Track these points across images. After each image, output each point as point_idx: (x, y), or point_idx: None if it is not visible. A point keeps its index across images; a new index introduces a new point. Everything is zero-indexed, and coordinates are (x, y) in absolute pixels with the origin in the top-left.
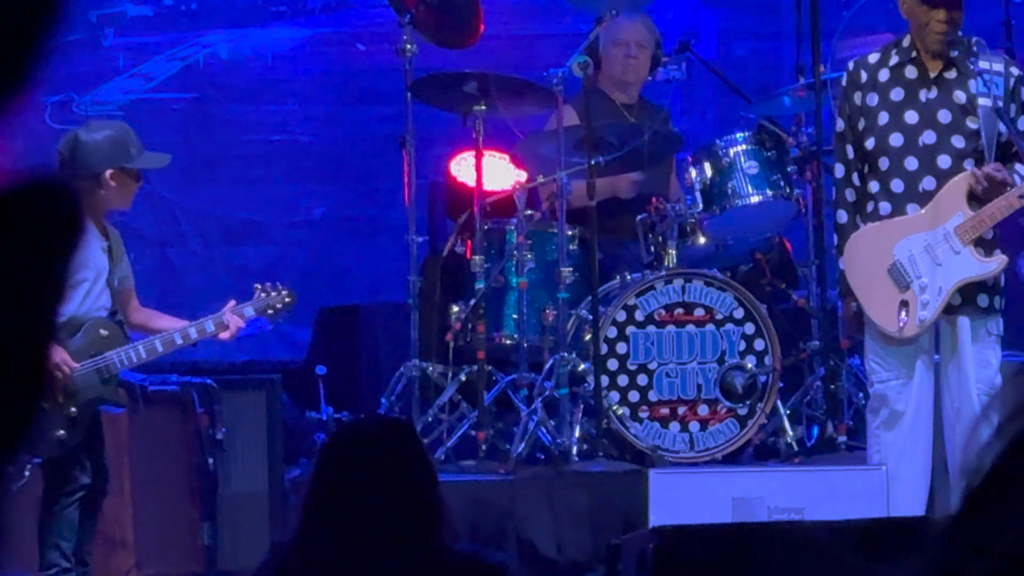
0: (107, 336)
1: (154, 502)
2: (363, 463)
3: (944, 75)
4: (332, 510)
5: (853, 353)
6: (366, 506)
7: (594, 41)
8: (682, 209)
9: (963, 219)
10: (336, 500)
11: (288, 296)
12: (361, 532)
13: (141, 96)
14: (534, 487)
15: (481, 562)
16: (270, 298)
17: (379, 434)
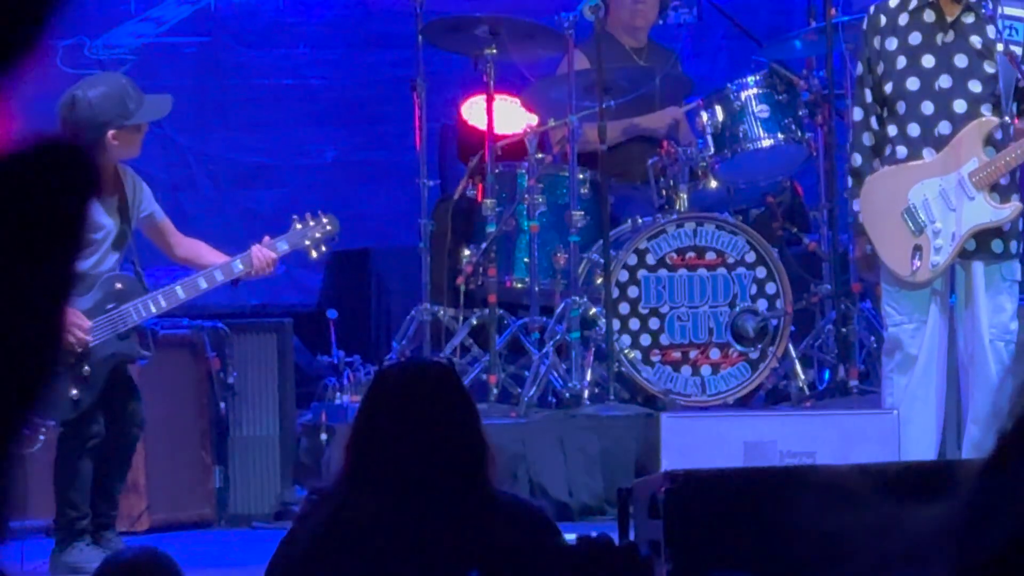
0: (122, 289)
1: (165, 446)
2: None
3: (962, 19)
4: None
5: (865, 297)
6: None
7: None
8: (693, 153)
9: (978, 164)
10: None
11: (329, 224)
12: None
13: (152, 40)
14: (546, 431)
15: (527, 505)
16: (308, 228)
17: (422, 377)
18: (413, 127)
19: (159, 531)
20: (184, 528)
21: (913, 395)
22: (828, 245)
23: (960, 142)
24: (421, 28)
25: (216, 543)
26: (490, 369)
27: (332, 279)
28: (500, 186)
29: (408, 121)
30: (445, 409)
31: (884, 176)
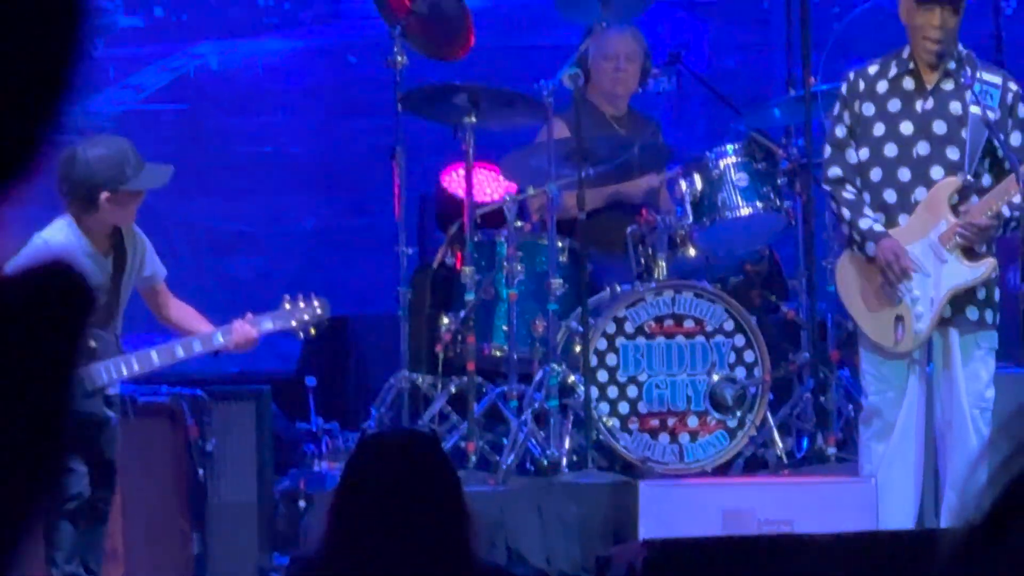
0: (94, 348)
1: (144, 512)
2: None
3: (941, 86)
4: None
5: (843, 365)
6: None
7: (584, 53)
8: (672, 221)
9: (947, 227)
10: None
11: (320, 308)
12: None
13: (132, 107)
14: (524, 498)
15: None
16: (296, 310)
17: (405, 445)
18: (392, 195)
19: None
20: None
21: (891, 463)
22: (806, 313)
23: (927, 206)
24: (400, 96)
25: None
26: (468, 437)
27: (311, 346)
28: (479, 254)
29: (387, 189)
30: (428, 479)
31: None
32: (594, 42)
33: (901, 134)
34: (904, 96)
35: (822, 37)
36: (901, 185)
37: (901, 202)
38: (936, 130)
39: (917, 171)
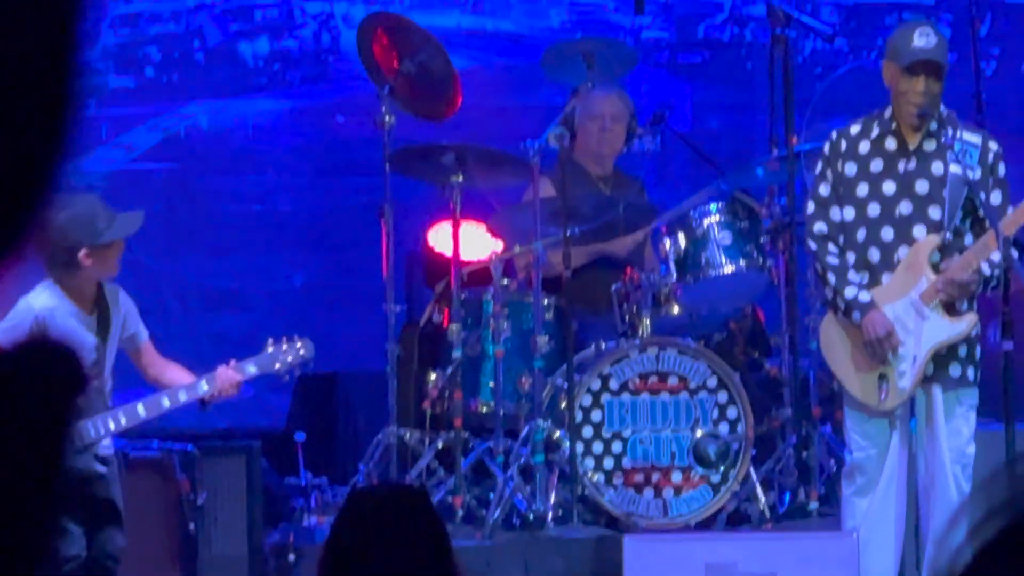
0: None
1: (136, 565)
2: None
3: (923, 146)
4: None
5: (824, 421)
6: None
7: (570, 113)
8: (656, 279)
9: (927, 285)
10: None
11: (303, 349)
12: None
13: (123, 166)
14: (510, 552)
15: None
16: (279, 352)
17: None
18: (380, 253)
19: None
20: None
21: (873, 518)
22: (789, 370)
23: (908, 265)
24: (388, 155)
25: None
26: (455, 491)
27: (300, 402)
28: (466, 311)
29: (375, 247)
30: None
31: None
32: (580, 102)
33: (884, 194)
34: (886, 156)
35: (805, 97)
36: (884, 244)
37: (885, 261)
38: (918, 190)
39: (900, 230)
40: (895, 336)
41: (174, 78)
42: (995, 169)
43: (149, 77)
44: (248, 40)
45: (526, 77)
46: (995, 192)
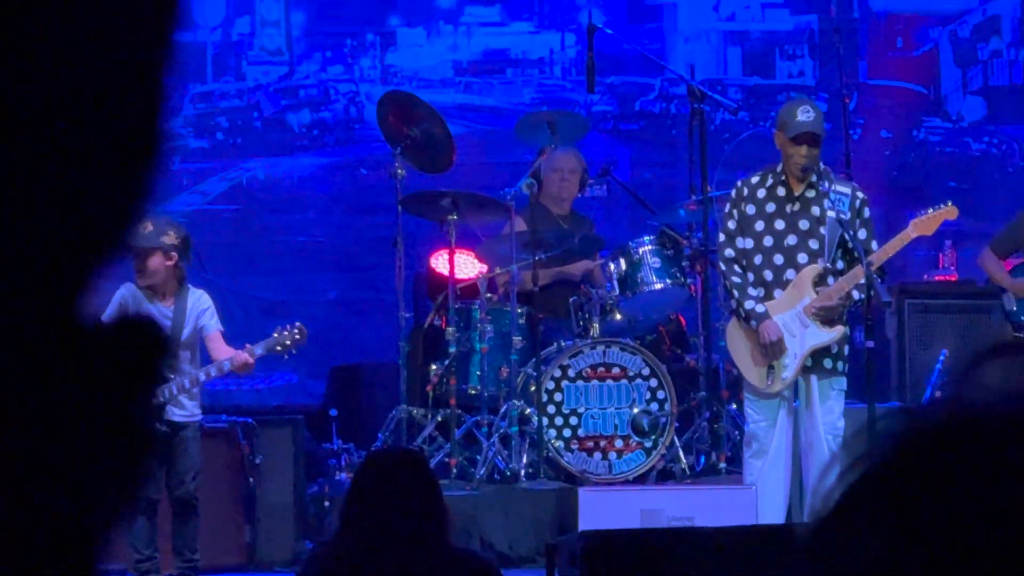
0: None
1: (209, 510)
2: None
3: (806, 194)
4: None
5: (731, 401)
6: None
7: (537, 168)
8: (603, 293)
9: (809, 301)
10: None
11: (299, 333)
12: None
13: (199, 208)
14: (492, 500)
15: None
16: (281, 336)
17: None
18: (394, 273)
19: (205, 573)
20: (223, 572)
21: (767, 475)
22: (704, 362)
23: (796, 285)
24: (400, 200)
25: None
26: (451, 454)
27: (333, 386)
28: (459, 318)
29: (390, 269)
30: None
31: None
32: (545, 160)
33: (775, 229)
34: (778, 201)
35: (715, 156)
36: (776, 268)
37: (776, 280)
38: (801, 227)
39: (787, 257)
40: (783, 340)
41: (238, 141)
42: (861, 212)
43: (219, 140)
44: (294, 112)
45: (504, 140)
46: (861, 230)
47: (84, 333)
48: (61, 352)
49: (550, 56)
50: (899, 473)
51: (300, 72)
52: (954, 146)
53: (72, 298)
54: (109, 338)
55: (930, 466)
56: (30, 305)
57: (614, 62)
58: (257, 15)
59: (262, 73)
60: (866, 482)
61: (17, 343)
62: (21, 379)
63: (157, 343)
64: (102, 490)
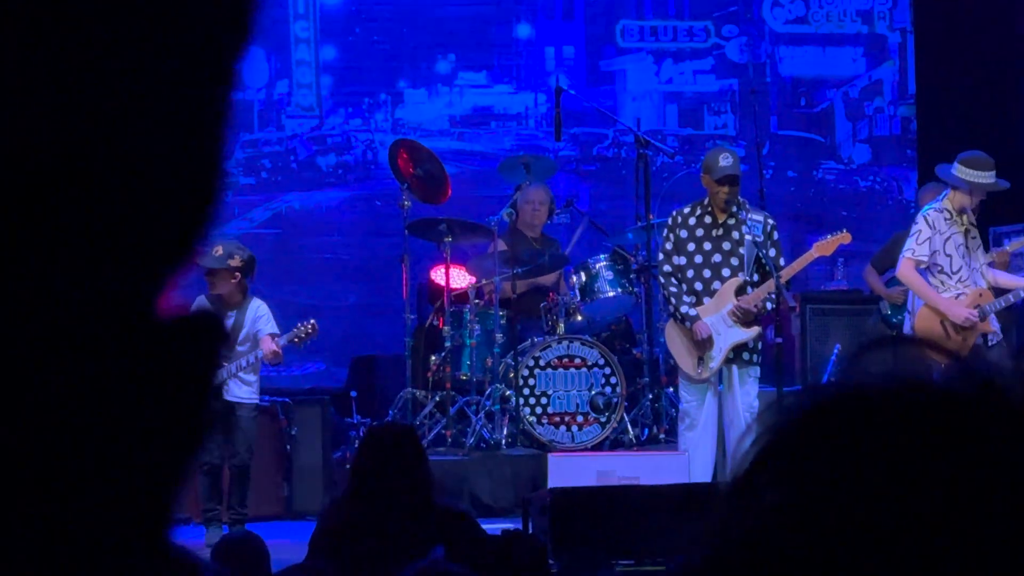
0: None
1: (256, 471)
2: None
3: (727, 221)
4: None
5: (668, 386)
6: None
7: (515, 200)
8: (568, 299)
9: (731, 307)
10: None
11: (311, 328)
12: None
13: (247, 231)
14: (480, 464)
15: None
16: (298, 330)
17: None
18: (401, 284)
19: (251, 521)
20: (267, 519)
21: (696, 444)
22: (647, 355)
23: (721, 294)
24: (407, 225)
25: (285, 528)
26: (447, 427)
27: (353, 373)
28: (453, 319)
29: (399, 280)
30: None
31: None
32: (521, 194)
33: (704, 250)
34: (705, 227)
35: (656, 191)
36: (705, 280)
37: (705, 290)
38: (725, 247)
39: (714, 272)
40: (712, 336)
41: (278, 178)
42: (772, 235)
43: (264, 177)
44: (323, 156)
45: (489, 178)
46: (772, 250)
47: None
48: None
49: (526, 111)
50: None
51: (328, 124)
52: (846, 184)
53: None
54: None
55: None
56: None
57: (576, 117)
58: (294, 79)
59: (297, 125)
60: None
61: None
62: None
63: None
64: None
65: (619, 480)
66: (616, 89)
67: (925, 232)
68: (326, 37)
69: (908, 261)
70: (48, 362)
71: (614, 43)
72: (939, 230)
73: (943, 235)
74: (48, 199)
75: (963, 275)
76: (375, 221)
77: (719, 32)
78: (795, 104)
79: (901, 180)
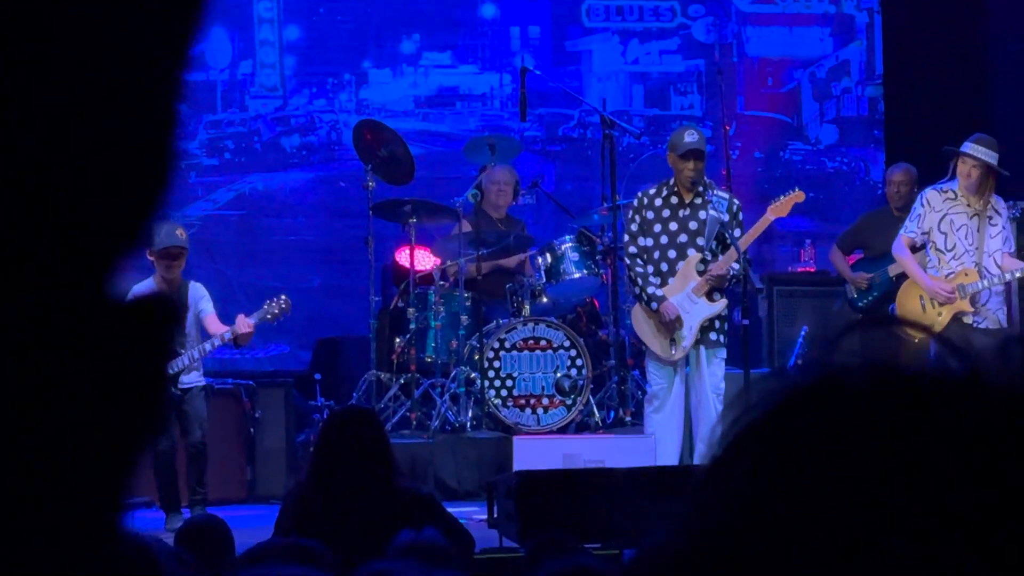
0: None
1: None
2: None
3: (694, 201)
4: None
5: (635, 368)
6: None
7: (480, 181)
8: (533, 281)
9: (695, 284)
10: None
11: (284, 303)
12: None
13: (210, 213)
14: (444, 447)
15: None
16: (270, 307)
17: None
18: (367, 265)
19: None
20: (229, 504)
21: (663, 427)
22: (613, 337)
23: (683, 273)
24: (371, 206)
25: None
26: (412, 409)
27: (318, 355)
28: (417, 301)
29: (363, 262)
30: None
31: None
32: (486, 175)
33: (670, 230)
34: (671, 207)
35: (622, 172)
36: (670, 260)
37: (670, 270)
38: (691, 227)
39: (680, 251)
40: (680, 317)
41: (242, 159)
42: (737, 215)
43: (227, 159)
44: (287, 136)
45: (454, 159)
46: (736, 229)
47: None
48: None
49: (491, 92)
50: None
51: (292, 104)
52: (813, 164)
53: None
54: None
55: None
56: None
57: (542, 97)
58: (257, 59)
59: (261, 105)
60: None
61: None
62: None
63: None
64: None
65: (585, 463)
66: (582, 69)
67: (918, 210)
68: (290, 17)
69: (902, 238)
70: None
71: (580, 23)
72: (934, 207)
73: (938, 213)
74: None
75: (958, 252)
76: (339, 202)
77: (685, 12)
78: (762, 84)
79: (868, 161)
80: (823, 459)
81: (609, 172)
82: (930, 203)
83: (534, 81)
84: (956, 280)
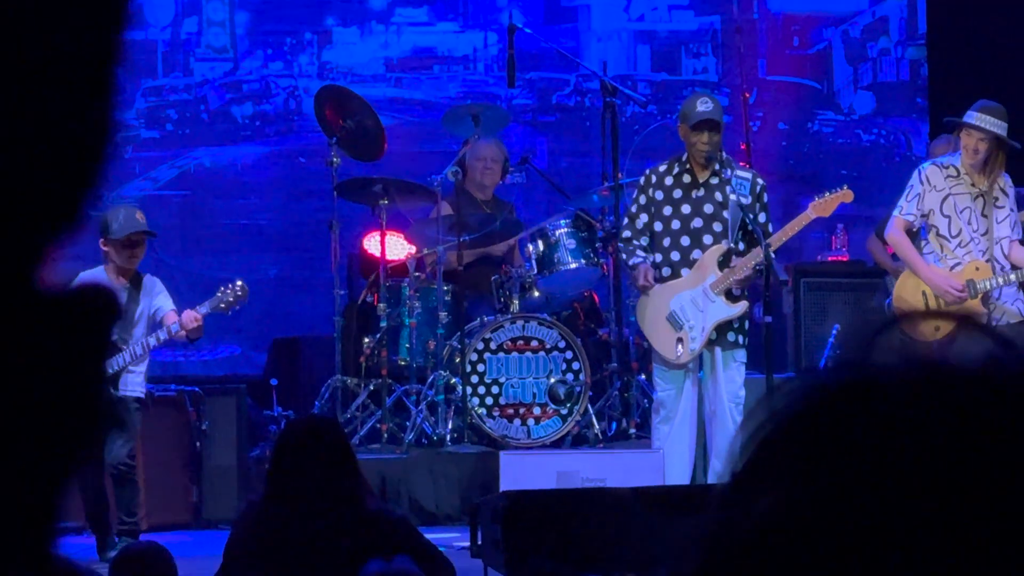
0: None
1: (159, 472)
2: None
3: (709, 180)
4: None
5: (640, 372)
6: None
7: (462, 156)
8: (523, 272)
9: (715, 278)
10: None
11: (241, 290)
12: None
13: (150, 193)
14: (420, 463)
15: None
16: (224, 294)
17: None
18: (330, 254)
19: (155, 531)
20: (172, 529)
21: (673, 440)
22: (615, 336)
23: (702, 264)
24: (336, 185)
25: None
26: (383, 420)
27: (274, 358)
28: (389, 295)
29: (327, 250)
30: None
31: (653, 294)
32: (469, 149)
33: (682, 213)
34: (684, 187)
35: (626, 146)
36: (683, 249)
37: (683, 260)
38: (706, 211)
39: (694, 239)
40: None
41: (186, 131)
42: (761, 197)
43: (169, 131)
44: (238, 105)
45: (432, 131)
46: (761, 214)
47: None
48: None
49: (474, 53)
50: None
51: (243, 68)
52: (845, 137)
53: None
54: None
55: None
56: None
57: (533, 59)
58: (204, 15)
59: (208, 69)
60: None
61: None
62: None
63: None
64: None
65: (583, 482)
66: (579, 28)
67: (916, 188)
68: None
69: (896, 220)
70: None
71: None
72: (935, 186)
73: (940, 192)
74: None
75: (964, 239)
76: (299, 181)
77: None
78: (787, 45)
79: (910, 133)
80: (856, 473)
81: (611, 146)
82: (930, 180)
83: (524, 41)
84: (965, 275)
